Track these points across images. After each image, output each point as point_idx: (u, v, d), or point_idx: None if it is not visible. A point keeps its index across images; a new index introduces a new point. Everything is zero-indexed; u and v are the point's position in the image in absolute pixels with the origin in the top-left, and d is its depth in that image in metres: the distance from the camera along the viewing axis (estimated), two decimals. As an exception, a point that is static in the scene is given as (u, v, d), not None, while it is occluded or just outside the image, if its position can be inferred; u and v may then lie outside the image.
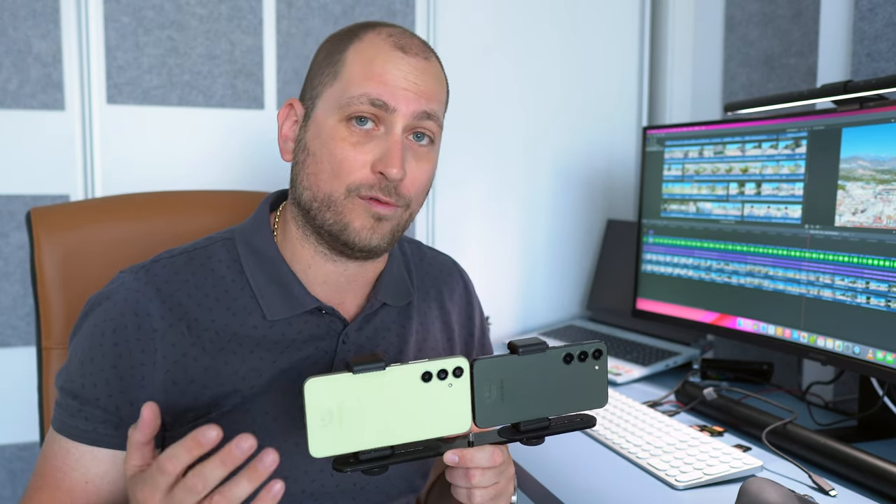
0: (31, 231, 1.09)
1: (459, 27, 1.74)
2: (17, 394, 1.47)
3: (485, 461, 0.74)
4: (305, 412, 0.68)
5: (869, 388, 1.19)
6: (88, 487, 0.80)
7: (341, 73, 0.82)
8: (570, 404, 0.75)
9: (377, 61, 0.81)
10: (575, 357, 0.74)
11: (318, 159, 0.82)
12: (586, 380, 0.75)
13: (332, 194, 0.81)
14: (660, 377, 1.49)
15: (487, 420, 0.73)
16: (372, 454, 0.71)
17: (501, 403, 0.73)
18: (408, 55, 0.82)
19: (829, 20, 1.44)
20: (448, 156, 1.75)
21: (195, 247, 0.88)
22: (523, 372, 0.73)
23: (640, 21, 1.90)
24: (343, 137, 0.81)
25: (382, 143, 0.81)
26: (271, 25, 1.59)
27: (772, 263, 1.26)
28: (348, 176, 0.80)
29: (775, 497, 0.80)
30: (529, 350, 0.73)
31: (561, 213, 1.88)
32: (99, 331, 0.81)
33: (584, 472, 1.04)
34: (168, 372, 0.81)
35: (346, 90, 0.81)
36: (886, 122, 1.07)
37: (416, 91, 0.81)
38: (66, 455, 0.80)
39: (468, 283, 1.08)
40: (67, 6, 1.47)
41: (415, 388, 0.71)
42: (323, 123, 0.83)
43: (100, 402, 0.80)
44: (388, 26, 0.85)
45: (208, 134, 1.58)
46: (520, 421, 0.74)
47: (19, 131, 1.47)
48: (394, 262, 0.95)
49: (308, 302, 0.86)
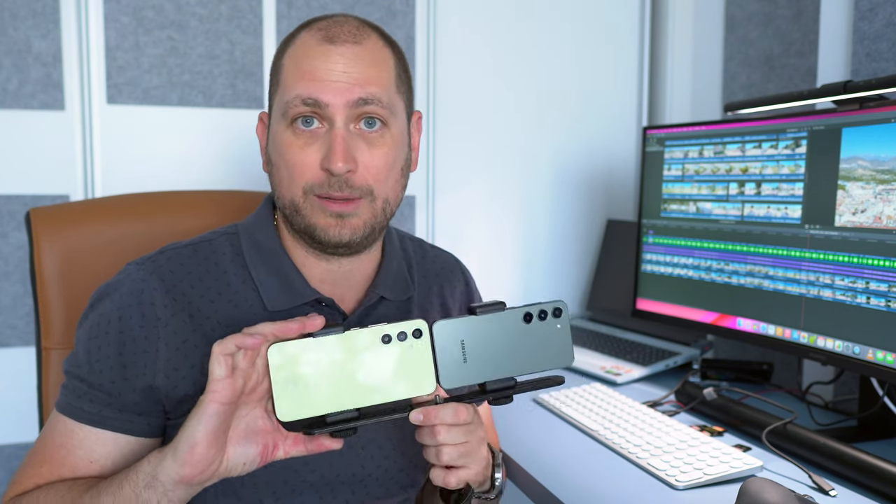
0: (31, 231, 1.09)
1: (459, 27, 1.74)
2: (17, 394, 1.47)
3: (449, 417, 0.76)
4: (270, 376, 0.71)
5: (869, 388, 1.19)
6: (93, 467, 0.82)
7: (281, 80, 0.85)
8: (535, 363, 0.77)
9: (306, 59, 0.83)
10: (535, 316, 0.76)
11: (277, 168, 0.86)
12: (549, 338, 0.77)
13: (294, 199, 0.84)
14: (660, 377, 1.49)
15: (451, 380, 0.75)
16: (339, 416, 0.73)
17: (464, 364, 0.75)
18: (336, 44, 0.82)
19: (829, 20, 1.44)
20: (448, 156, 1.75)
21: (200, 240, 0.90)
22: (484, 332, 0.75)
23: (640, 21, 1.90)
24: (290, 142, 0.83)
25: (326, 139, 0.82)
26: (271, 25, 1.59)
27: (772, 263, 1.26)
28: (301, 178, 0.83)
29: (775, 497, 0.80)
30: (487, 310, 0.75)
31: (561, 213, 1.88)
32: (105, 319, 0.84)
33: (584, 472, 1.04)
34: (169, 360, 0.83)
35: (284, 95, 0.83)
36: (886, 122, 1.07)
37: (348, 80, 0.82)
38: (71, 435, 0.82)
39: (470, 281, 1.08)
40: (67, 6, 1.47)
41: (377, 350, 0.73)
42: (274, 133, 0.86)
43: (104, 387, 0.82)
44: (325, 19, 0.86)
45: (208, 134, 1.58)
46: (485, 381, 0.76)
47: (19, 131, 1.47)
48: (393, 257, 0.96)
49: (308, 293, 0.87)
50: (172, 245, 0.90)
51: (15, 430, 1.49)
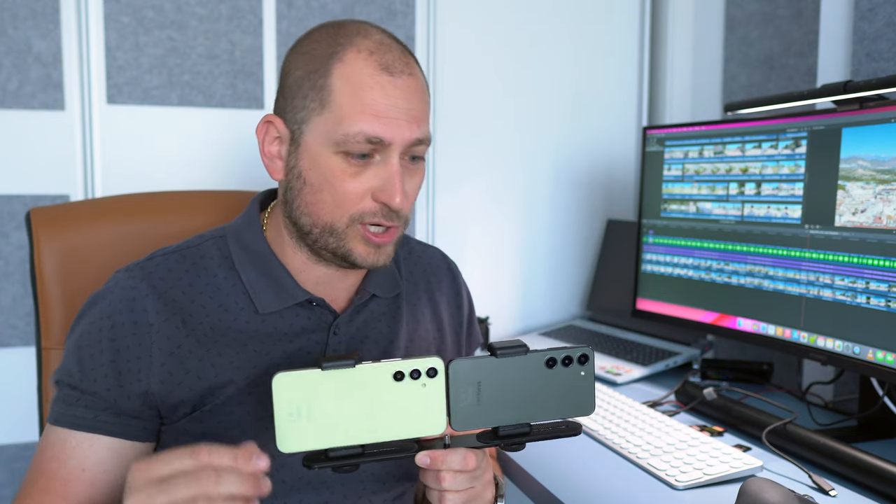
0: (31, 231, 1.09)
1: (459, 27, 1.74)
2: (18, 394, 1.47)
3: (456, 464, 0.73)
4: (274, 407, 0.68)
5: (869, 388, 1.19)
6: (84, 476, 0.81)
7: (329, 103, 0.81)
8: (553, 410, 0.73)
9: (365, 90, 0.80)
10: (559, 361, 0.72)
11: (316, 189, 0.83)
12: (571, 386, 0.72)
13: (335, 224, 0.83)
14: (660, 377, 1.49)
15: (463, 423, 0.71)
16: (341, 452, 0.70)
17: (478, 406, 0.71)
18: (394, 76, 0.81)
19: (829, 20, 1.44)
20: (448, 156, 1.75)
21: (188, 245, 0.90)
22: (502, 375, 0.71)
23: (640, 21, 1.90)
24: (342, 170, 0.82)
25: (381, 171, 0.82)
26: (271, 25, 1.59)
27: (772, 263, 1.26)
28: (351, 207, 0.82)
29: (775, 497, 0.80)
30: (508, 352, 0.71)
31: (561, 213, 1.88)
32: (97, 328, 0.83)
33: (584, 472, 1.04)
34: (164, 364, 0.83)
35: (340, 125, 0.80)
36: (886, 122, 1.07)
37: (408, 118, 0.81)
38: (63, 444, 0.81)
39: (457, 275, 1.09)
40: (67, 6, 1.47)
41: (387, 387, 0.70)
42: (318, 155, 0.82)
43: (99, 394, 0.82)
44: (366, 37, 0.83)
45: (208, 134, 1.58)
46: (499, 425, 0.73)
47: (19, 131, 1.47)
48: None
49: (299, 294, 0.88)
50: (160, 251, 0.89)
51: (15, 430, 1.49)
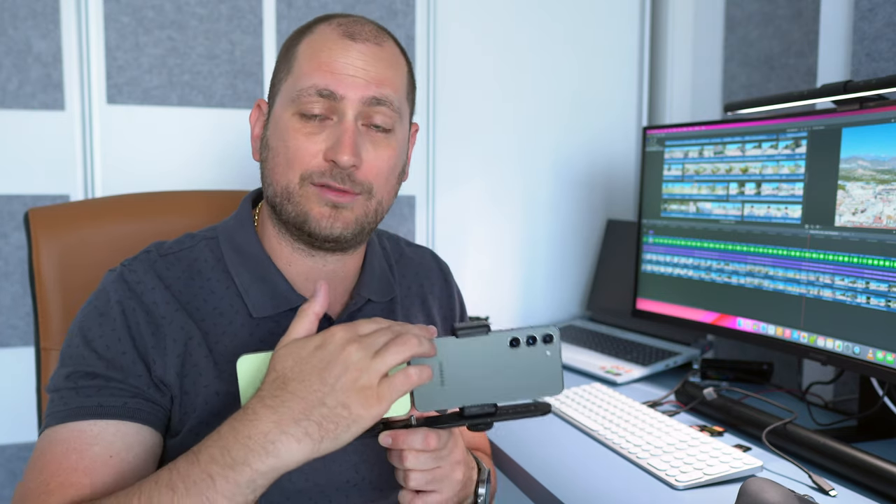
0: (30, 231, 1.09)
1: (459, 27, 1.74)
2: (17, 394, 1.47)
3: (417, 443, 0.74)
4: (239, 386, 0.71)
5: (869, 388, 1.19)
6: (112, 462, 0.76)
7: (293, 68, 0.84)
8: (520, 390, 0.73)
9: (324, 51, 0.82)
10: (522, 341, 0.72)
11: (275, 153, 0.84)
12: (537, 366, 0.72)
13: (289, 185, 0.83)
14: (660, 377, 1.49)
15: (427, 404, 0.71)
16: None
17: (442, 387, 0.71)
18: (357, 41, 0.83)
19: (829, 20, 1.44)
20: (448, 156, 1.75)
21: (181, 247, 0.89)
22: (465, 355, 0.72)
23: (640, 21, 1.90)
24: (296, 129, 0.82)
25: (335, 131, 0.82)
26: (271, 25, 1.59)
27: (772, 263, 1.26)
28: (301, 164, 0.82)
29: (775, 497, 0.80)
30: (469, 332, 0.71)
31: (561, 213, 1.88)
32: (109, 318, 0.81)
33: (584, 472, 1.04)
34: (179, 356, 0.81)
35: (297, 83, 0.83)
36: (886, 122, 1.07)
37: (366, 77, 0.82)
38: (81, 435, 0.76)
39: (448, 276, 1.08)
40: (67, 6, 1.47)
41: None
42: (279, 118, 0.84)
43: (128, 381, 0.79)
44: (343, 16, 0.86)
45: (208, 134, 1.58)
46: (464, 406, 0.73)
47: (19, 131, 1.47)
48: (374, 257, 0.96)
49: (294, 298, 0.87)
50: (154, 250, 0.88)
51: (15, 429, 1.49)
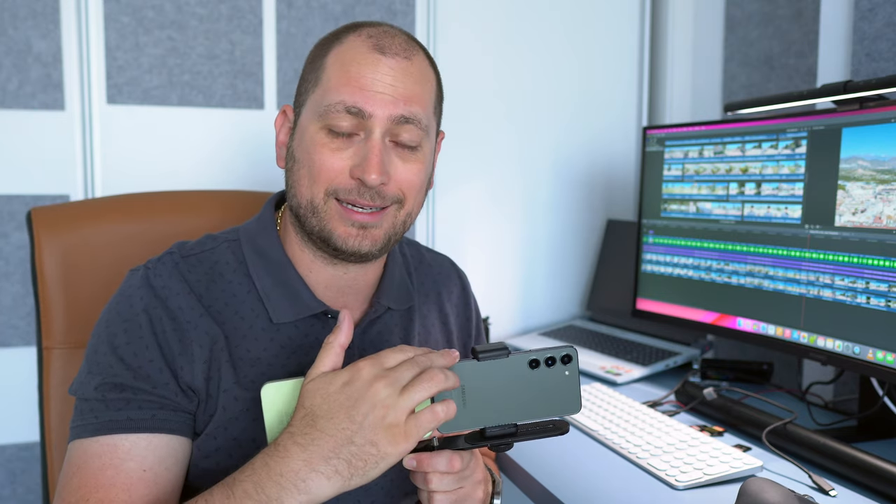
0: (32, 231, 1.09)
1: (459, 27, 1.74)
2: (18, 394, 1.47)
3: (442, 466, 0.74)
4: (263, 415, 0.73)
5: (869, 388, 1.19)
6: (147, 476, 0.76)
7: (321, 79, 0.82)
8: (540, 410, 0.74)
9: (354, 65, 0.81)
10: (542, 362, 0.73)
11: (301, 165, 0.83)
12: (556, 385, 0.73)
13: (314, 200, 0.82)
14: (660, 377, 1.49)
15: (449, 426, 0.72)
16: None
17: (464, 409, 0.72)
18: (386, 56, 0.81)
19: (829, 20, 1.44)
20: (448, 156, 1.75)
21: (202, 249, 0.88)
22: (485, 377, 0.73)
23: (640, 21, 1.90)
24: (323, 143, 0.81)
25: (362, 148, 0.81)
26: (271, 25, 1.59)
27: (772, 263, 1.26)
28: (326, 181, 0.81)
29: (775, 497, 0.80)
30: (490, 355, 0.72)
31: (561, 213, 1.88)
32: (135, 324, 0.80)
33: (584, 472, 1.04)
34: (206, 361, 0.81)
35: (325, 97, 0.81)
36: (886, 122, 1.07)
37: (394, 94, 0.80)
38: (114, 450, 0.76)
39: (466, 285, 1.08)
40: (67, 6, 1.47)
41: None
42: (306, 130, 0.83)
43: (156, 392, 0.78)
44: (372, 26, 0.84)
45: (208, 134, 1.58)
46: (485, 427, 0.74)
47: (19, 131, 1.47)
48: (395, 265, 0.96)
49: (315, 306, 0.86)
50: (178, 251, 0.87)
51: (15, 430, 1.49)
